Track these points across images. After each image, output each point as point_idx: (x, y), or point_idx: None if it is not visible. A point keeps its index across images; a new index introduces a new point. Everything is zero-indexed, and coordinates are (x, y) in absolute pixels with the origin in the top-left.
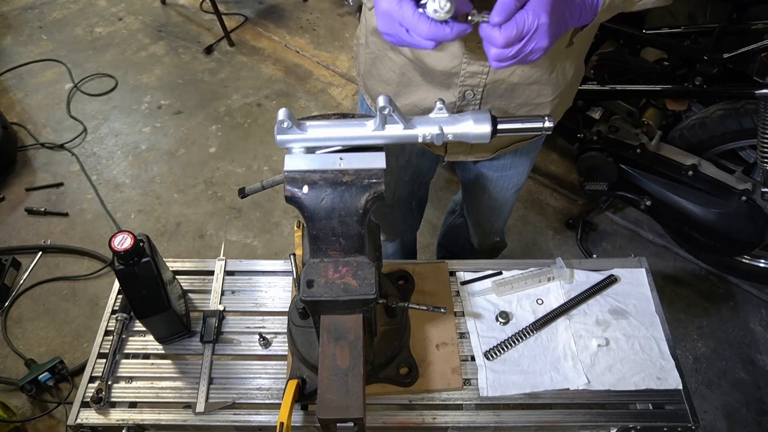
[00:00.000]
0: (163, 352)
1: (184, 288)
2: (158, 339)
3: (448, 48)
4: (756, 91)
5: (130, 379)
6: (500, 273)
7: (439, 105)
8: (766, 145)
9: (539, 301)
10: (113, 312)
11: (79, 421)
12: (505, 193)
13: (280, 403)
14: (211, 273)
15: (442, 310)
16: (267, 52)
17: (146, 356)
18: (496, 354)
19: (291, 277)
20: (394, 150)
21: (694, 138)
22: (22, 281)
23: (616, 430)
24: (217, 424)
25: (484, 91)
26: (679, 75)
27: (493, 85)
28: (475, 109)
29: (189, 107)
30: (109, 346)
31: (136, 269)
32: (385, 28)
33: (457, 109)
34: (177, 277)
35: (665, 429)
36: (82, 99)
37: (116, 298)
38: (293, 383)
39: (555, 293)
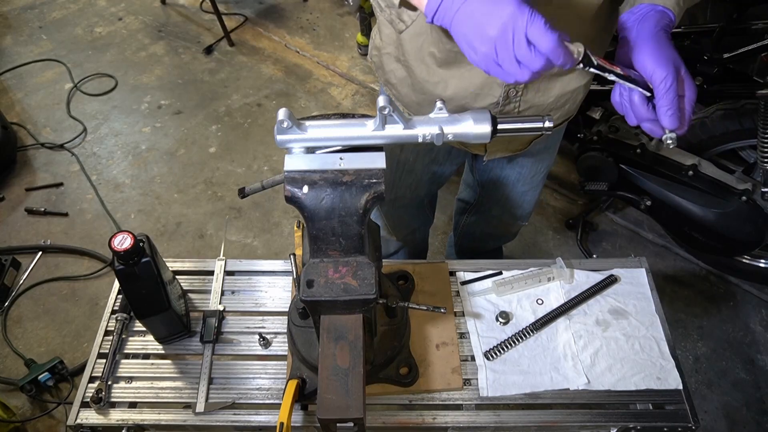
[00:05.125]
0: (163, 352)
1: (184, 288)
2: (158, 339)
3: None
4: (756, 91)
5: (130, 379)
6: (500, 273)
7: (439, 105)
8: (766, 145)
9: (539, 301)
10: (113, 312)
11: (78, 421)
12: (536, 179)
13: (280, 403)
14: (211, 273)
15: (442, 310)
16: (267, 52)
17: (146, 356)
18: (496, 354)
19: (291, 277)
20: (423, 150)
21: (694, 138)
22: (22, 281)
23: (616, 430)
24: (217, 424)
25: (525, 86)
26: None
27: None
28: (515, 107)
29: (189, 107)
30: (109, 346)
31: (136, 269)
32: (484, 66)
33: (500, 108)
34: (177, 277)
35: (665, 429)
36: (82, 99)
37: (116, 298)
38: (293, 383)
39: (555, 293)
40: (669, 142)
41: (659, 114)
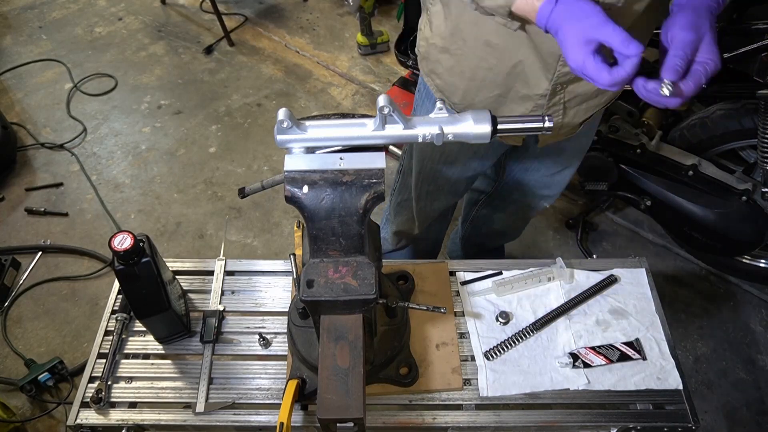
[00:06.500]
0: (163, 352)
1: (184, 288)
2: (158, 339)
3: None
4: (756, 91)
5: (130, 379)
6: (500, 273)
7: (439, 105)
8: (766, 145)
9: (539, 301)
10: (113, 312)
11: (78, 421)
12: (579, 153)
13: (280, 403)
14: (211, 273)
15: (442, 310)
16: (267, 52)
17: (146, 356)
18: (496, 354)
19: (291, 277)
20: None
21: (694, 138)
22: (21, 281)
23: (616, 430)
24: (217, 424)
25: (569, 79)
26: None
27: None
28: (561, 98)
29: (189, 107)
30: (109, 346)
31: (136, 269)
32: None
33: (548, 99)
34: (177, 277)
35: (665, 429)
36: (82, 99)
37: (116, 298)
38: (293, 383)
39: (555, 293)
40: (666, 91)
41: (663, 66)
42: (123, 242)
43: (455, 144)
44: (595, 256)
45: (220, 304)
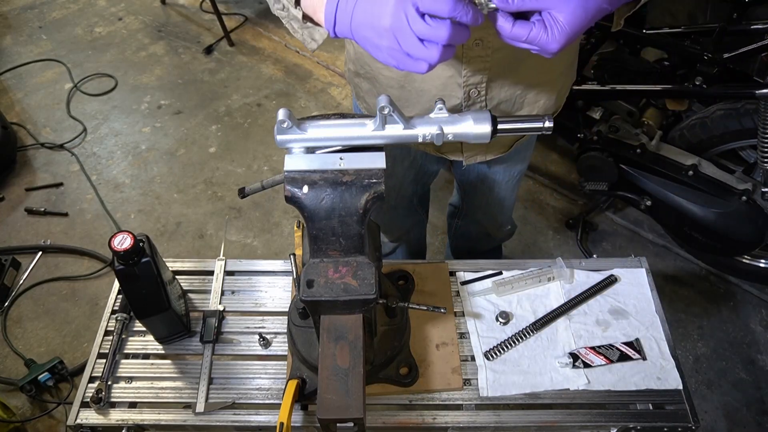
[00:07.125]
0: (163, 352)
1: (184, 288)
2: (158, 339)
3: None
4: (756, 91)
5: (130, 379)
6: (500, 273)
7: (439, 105)
8: (766, 145)
9: (539, 301)
10: (113, 312)
11: (78, 421)
12: (510, 183)
13: (280, 403)
14: (211, 273)
15: (442, 310)
16: (267, 52)
17: (146, 356)
18: (496, 354)
19: (291, 277)
20: (400, 153)
21: (694, 138)
22: (22, 281)
23: (616, 430)
24: (217, 424)
25: (487, 84)
26: (679, 75)
27: (496, 75)
28: (481, 107)
29: (189, 107)
30: (109, 346)
31: (136, 269)
32: (394, 62)
33: (464, 110)
34: (177, 277)
35: (665, 429)
36: (82, 99)
37: (116, 298)
38: (293, 383)
39: (555, 293)
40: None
41: None
42: (123, 242)
43: (388, 157)
44: (595, 256)
45: (220, 304)
